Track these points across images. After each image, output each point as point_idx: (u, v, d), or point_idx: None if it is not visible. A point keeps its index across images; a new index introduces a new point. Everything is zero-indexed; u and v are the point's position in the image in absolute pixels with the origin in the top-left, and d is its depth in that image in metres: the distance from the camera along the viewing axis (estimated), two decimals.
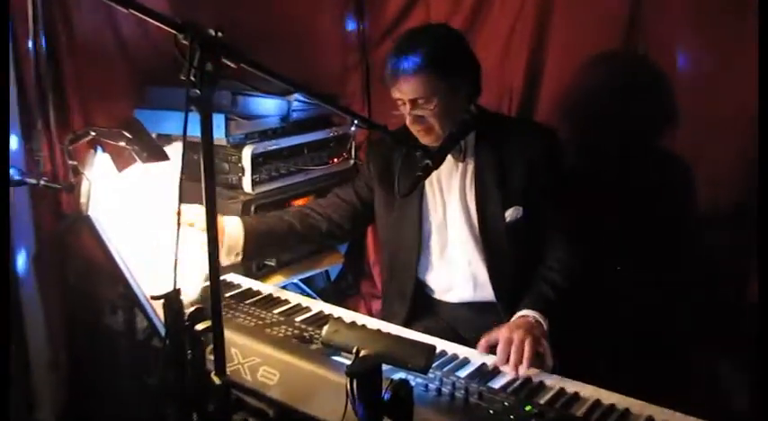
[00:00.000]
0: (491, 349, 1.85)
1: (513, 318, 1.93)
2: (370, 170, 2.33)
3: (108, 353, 2.30)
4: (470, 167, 2.15)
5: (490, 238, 2.14)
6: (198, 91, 1.31)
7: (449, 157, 2.10)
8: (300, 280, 3.12)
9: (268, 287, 2.34)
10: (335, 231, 2.36)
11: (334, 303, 2.24)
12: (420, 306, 2.27)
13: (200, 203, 1.36)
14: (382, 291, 2.53)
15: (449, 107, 2.03)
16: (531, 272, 2.09)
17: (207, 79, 1.31)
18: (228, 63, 1.36)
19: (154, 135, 2.71)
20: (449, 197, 2.19)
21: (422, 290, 2.28)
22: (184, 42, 1.28)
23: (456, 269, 2.22)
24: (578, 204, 2.16)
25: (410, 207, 2.21)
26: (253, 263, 2.77)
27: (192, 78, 1.30)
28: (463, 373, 1.75)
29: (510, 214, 2.10)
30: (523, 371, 1.75)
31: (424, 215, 2.21)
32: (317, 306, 2.16)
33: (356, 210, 2.37)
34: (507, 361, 1.78)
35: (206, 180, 1.36)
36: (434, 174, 2.11)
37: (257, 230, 2.26)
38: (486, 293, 2.17)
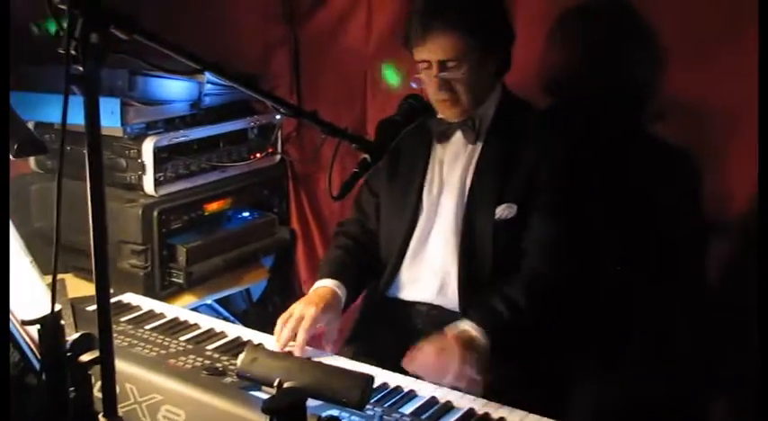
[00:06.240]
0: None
1: (449, 327, 1.99)
2: None
3: None
4: (478, 152, 2.22)
5: (471, 236, 2.19)
6: (80, 68, 1.29)
7: (459, 137, 2.21)
8: (215, 300, 3.10)
9: (174, 309, 2.32)
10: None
11: (257, 329, 2.23)
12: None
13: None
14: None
15: (478, 77, 2.13)
16: None
17: (92, 53, 1.29)
18: (118, 34, 1.35)
19: (30, 124, 2.70)
20: (448, 179, 2.25)
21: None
22: (61, 7, 1.25)
23: (428, 262, 2.26)
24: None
25: (411, 184, 2.29)
26: (156, 279, 2.76)
27: (74, 52, 1.29)
28: (408, 409, 1.75)
29: (501, 211, 2.16)
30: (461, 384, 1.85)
31: (424, 193, 2.28)
32: (234, 331, 2.14)
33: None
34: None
35: (92, 180, 1.34)
36: (439, 151, 2.25)
37: (356, 284, 2.29)
38: (450, 301, 2.22)
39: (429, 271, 2.27)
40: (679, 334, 2.44)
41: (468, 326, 1.99)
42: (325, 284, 2.22)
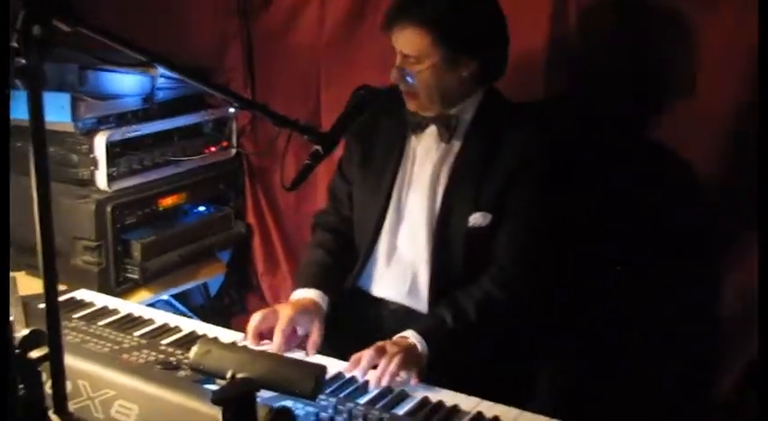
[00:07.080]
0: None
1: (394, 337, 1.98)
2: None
3: None
4: (453, 152, 2.16)
5: (444, 242, 2.15)
6: (23, 60, 1.27)
7: (433, 132, 2.14)
8: (173, 296, 3.08)
9: (128, 305, 2.30)
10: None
11: (215, 324, 2.21)
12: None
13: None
14: None
15: (443, 78, 2.07)
16: None
17: (34, 46, 1.28)
18: (62, 26, 1.33)
19: None
20: (418, 174, 2.19)
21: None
22: None
23: (397, 260, 2.23)
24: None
25: (383, 175, 2.24)
26: (111, 275, 2.74)
27: (16, 44, 1.27)
28: (363, 400, 1.76)
29: (474, 219, 2.11)
30: (384, 383, 1.82)
31: (395, 186, 2.23)
32: (189, 325, 2.13)
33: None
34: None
35: (38, 176, 1.32)
36: (414, 142, 2.19)
37: (338, 288, 2.24)
38: (421, 301, 2.19)
39: (399, 269, 2.23)
40: (679, 333, 2.45)
41: (408, 334, 1.98)
42: (306, 295, 2.15)
